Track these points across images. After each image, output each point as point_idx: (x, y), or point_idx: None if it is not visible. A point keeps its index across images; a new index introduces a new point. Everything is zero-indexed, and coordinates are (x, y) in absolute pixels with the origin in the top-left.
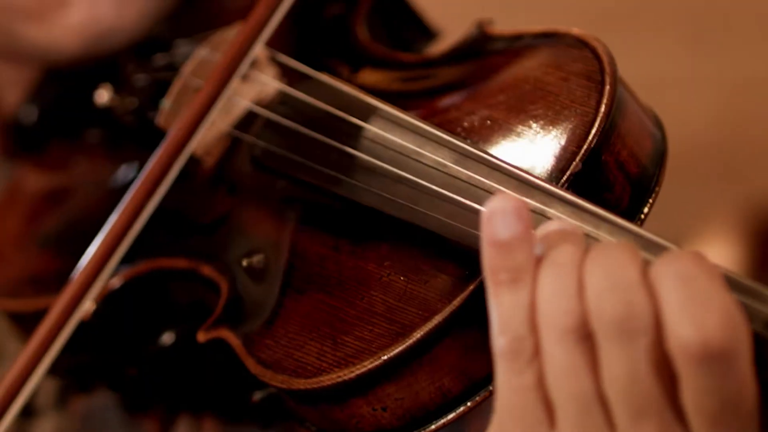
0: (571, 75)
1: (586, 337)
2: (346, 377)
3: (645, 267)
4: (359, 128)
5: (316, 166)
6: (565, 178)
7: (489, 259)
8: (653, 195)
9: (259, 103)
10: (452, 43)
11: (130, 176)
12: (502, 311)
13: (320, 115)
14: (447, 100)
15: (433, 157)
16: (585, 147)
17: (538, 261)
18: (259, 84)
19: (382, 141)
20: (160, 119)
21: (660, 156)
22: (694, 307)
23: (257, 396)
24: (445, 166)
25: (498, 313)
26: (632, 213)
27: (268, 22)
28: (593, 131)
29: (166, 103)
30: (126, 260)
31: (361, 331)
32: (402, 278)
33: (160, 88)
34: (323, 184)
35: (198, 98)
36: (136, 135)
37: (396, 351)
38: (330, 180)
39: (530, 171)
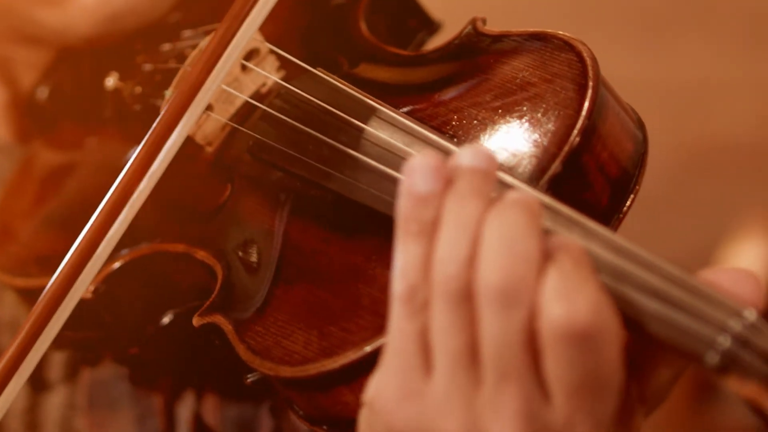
0: (556, 77)
1: (469, 298)
2: (330, 367)
3: (543, 238)
4: (352, 126)
5: (309, 161)
6: (545, 179)
7: (404, 208)
8: (632, 195)
9: (256, 96)
10: (446, 40)
11: None
12: (404, 258)
13: (315, 111)
14: (437, 97)
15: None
16: (566, 149)
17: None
18: (258, 76)
19: (374, 139)
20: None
21: (640, 157)
22: (570, 288)
23: (250, 378)
24: None
25: (401, 259)
26: (611, 213)
27: (252, 8)
28: (574, 133)
29: (170, 92)
30: (128, 244)
31: (346, 322)
32: (388, 273)
33: (166, 76)
34: (315, 179)
35: (184, 84)
36: (143, 121)
37: (379, 343)
38: (322, 175)
39: (512, 171)
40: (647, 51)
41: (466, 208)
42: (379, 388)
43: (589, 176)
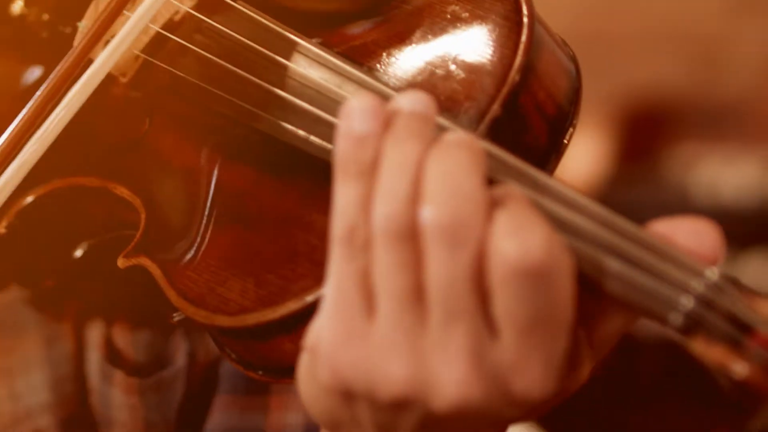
0: (489, 13)
1: (412, 237)
2: (269, 317)
3: (487, 184)
4: (278, 64)
5: (234, 99)
6: (484, 123)
7: (341, 150)
8: (569, 132)
9: (169, 26)
10: None
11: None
12: (343, 199)
13: (238, 47)
14: (363, 32)
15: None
16: (504, 90)
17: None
18: (173, 7)
19: (303, 80)
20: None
21: (575, 93)
22: (521, 227)
23: (176, 317)
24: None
25: (340, 200)
26: (549, 152)
27: None
28: (512, 74)
29: (83, 23)
30: (40, 178)
31: (283, 270)
32: (325, 219)
33: (76, 6)
34: (241, 119)
35: (99, 14)
36: (50, 49)
37: (321, 293)
38: (248, 115)
39: (449, 116)
40: None
41: (407, 148)
42: (321, 332)
43: (528, 118)
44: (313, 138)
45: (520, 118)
